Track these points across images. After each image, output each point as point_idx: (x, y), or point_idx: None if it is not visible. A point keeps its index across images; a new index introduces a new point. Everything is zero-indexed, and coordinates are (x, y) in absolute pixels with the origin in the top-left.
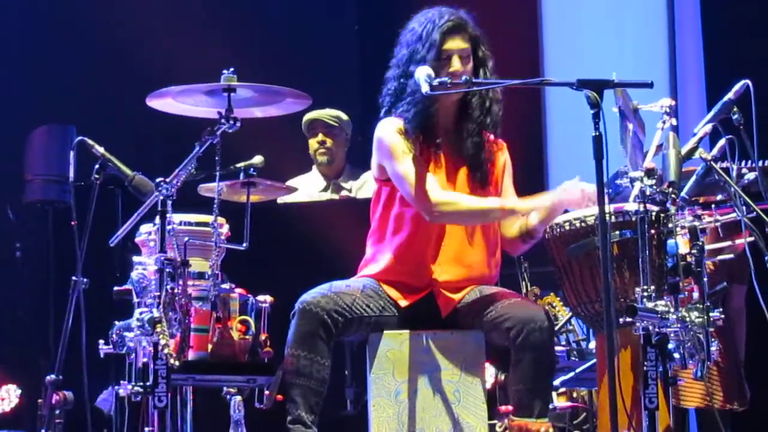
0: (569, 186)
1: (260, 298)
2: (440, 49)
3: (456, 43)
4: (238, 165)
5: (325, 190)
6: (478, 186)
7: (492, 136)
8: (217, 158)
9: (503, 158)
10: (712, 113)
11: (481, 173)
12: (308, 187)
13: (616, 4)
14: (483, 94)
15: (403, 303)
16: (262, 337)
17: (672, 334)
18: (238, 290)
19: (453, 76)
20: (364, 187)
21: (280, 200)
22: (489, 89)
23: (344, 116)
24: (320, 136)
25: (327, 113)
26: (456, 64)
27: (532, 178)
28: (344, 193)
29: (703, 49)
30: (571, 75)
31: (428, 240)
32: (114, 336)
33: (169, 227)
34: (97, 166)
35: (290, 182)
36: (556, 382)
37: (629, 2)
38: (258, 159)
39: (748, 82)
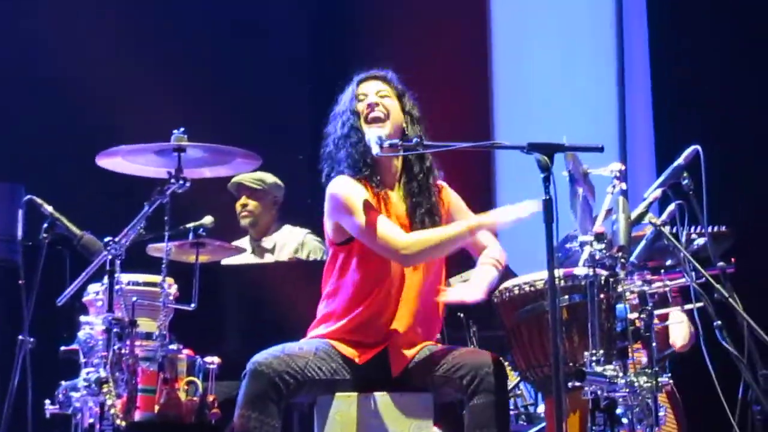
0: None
1: (208, 359)
2: (356, 93)
3: (371, 85)
4: (188, 225)
5: (252, 252)
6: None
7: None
8: (166, 218)
9: (447, 199)
10: (662, 178)
11: (425, 219)
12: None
13: (567, 68)
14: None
15: (359, 360)
16: (210, 398)
17: (620, 399)
18: (186, 351)
19: (368, 108)
20: (287, 242)
21: (224, 262)
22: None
23: (270, 179)
24: (243, 199)
25: (250, 176)
26: (371, 97)
27: None
28: (267, 255)
29: (652, 114)
30: (522, 139)
31: (388, 299)
32: (60, 396)
33: (117, 287)
34: (45, 225)
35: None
36: None
37: (581, 67)
38: (208, 219)
39: (698, 147)
